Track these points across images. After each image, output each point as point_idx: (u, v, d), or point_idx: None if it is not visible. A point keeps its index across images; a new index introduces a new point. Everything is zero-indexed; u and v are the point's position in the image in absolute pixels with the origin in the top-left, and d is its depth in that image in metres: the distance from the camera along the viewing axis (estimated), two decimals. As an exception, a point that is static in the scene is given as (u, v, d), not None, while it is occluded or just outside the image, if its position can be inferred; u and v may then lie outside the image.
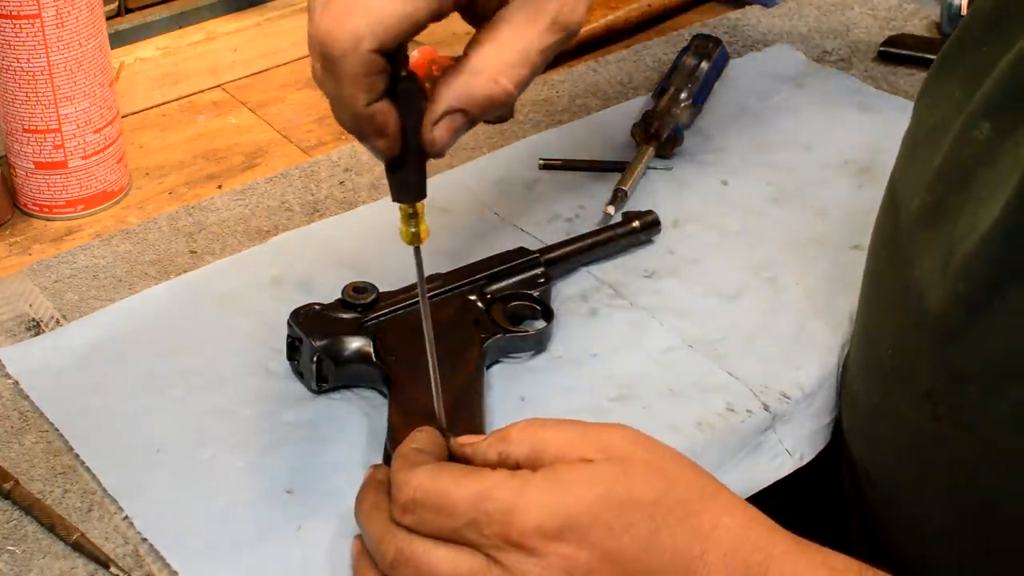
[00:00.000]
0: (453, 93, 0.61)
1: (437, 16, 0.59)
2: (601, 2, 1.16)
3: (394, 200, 0.63)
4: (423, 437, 0.64)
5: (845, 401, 0.78)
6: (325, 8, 0.58)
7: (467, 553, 0.59)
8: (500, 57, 0.61)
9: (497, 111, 0.62)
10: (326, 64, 0.58)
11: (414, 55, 1.07)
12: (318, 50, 0.58)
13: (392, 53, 0.59)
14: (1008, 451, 0.60)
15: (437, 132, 0.61)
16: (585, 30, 1.14)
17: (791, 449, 0.77)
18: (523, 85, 0.62)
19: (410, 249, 0.64)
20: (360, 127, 0.60)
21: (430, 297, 0.80)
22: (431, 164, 1.01)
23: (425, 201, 0.63)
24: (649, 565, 0.57)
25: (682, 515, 0.58)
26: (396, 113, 0.60)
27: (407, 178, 0.63)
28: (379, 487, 0.64)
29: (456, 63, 0.61)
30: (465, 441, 0.64)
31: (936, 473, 0.66)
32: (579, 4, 0.62)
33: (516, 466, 0.61)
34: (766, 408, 0.77)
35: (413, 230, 0.64)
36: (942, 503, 0.66)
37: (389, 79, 0.59)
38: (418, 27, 0.59)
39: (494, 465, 0.61)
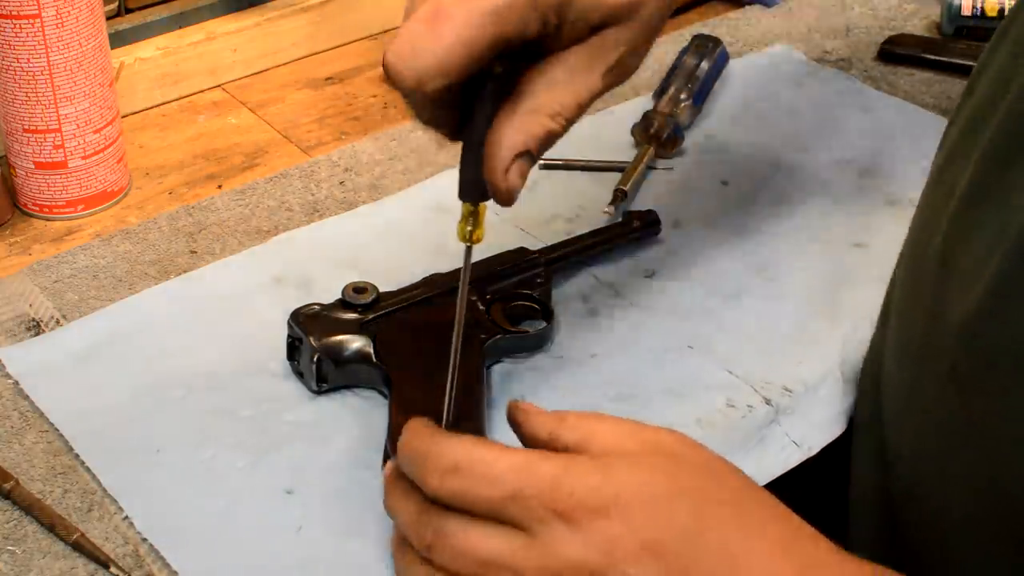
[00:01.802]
0: (519, 135, 0.61)
1: (504, 50, 0.59)
2: None
3: (459, 197, 0.63)
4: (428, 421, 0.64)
5: (868, 388, 0.78)
6: (397, 42, 0.59)
7: (506, 530, 0.57)
8: (556, 98, 0.62)
9: (553, 145, 0.63)
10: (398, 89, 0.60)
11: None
12: (388, 79, 0.60)
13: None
14: None
15: (511, 178, 0.62)
16: None
17: (798, 440, 0.77)
18: (574, 122, 0.63)
19: (412, 250, 0.64)
20: (422, 125, 0.63)
21: (430, 298, 0.80)
22: (434, 164, 1.01)
23: (444, 201, 0.64)
24: (691, 560, 0.56)
25: (728, 515, 0.58)
26: (452, 114, 0.61)
27: (475, 178, 0.62)
28: (403, 477, 0.62)
29: (510, 104, 0.61)
30: (524, 406, 0.62)
31: (961, 460, 0.66)
32: (640, 54, 0.63)
33: (564, 449, 0.60)
34: (768, 402, 0.78)
35: (469, 228, 0.64)
36: (966, 492, 0.66)
37: (455, 96, 0.60)
38: (482, 64, 0.59)
39: (542, 442, 0.60)
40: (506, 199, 0.62)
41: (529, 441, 0.61)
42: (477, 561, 0.58)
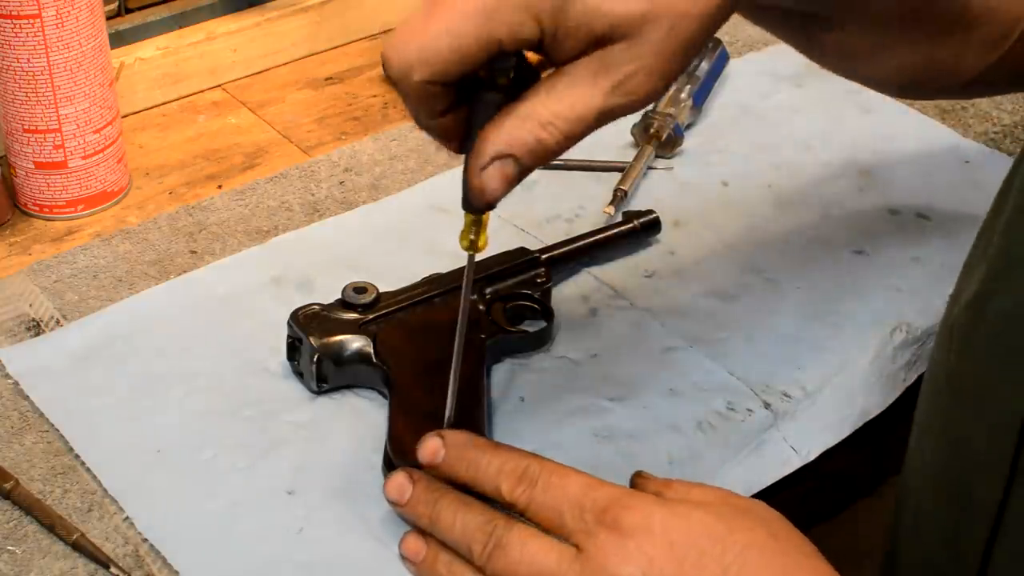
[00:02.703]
0: (501, 137, 0.60)
1: (497, 55, 0.58)
2: None
3: (462, 207, 0.63)
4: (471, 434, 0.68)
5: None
6: (396, 29, 0.59)
7: (560, 544, 0.61)
8: (550, 107, 0.60)
9: (548, 159, 0.61)
10: (391, 81, 0.60)
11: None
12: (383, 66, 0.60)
13: (454, 80, 0.59)
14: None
15: (485, 177, 0.60)
16: None
17: (797, 447, 0.77)
18: (575, 139, 0.60)
19: (412, 250, 0.64)
20: (426, 132, 0.62)
21: (429, 298, 0.80)
22: (435, 164, 1.01)
23: (444, 202, 0.63)
24: None
25: (772, 562, 0.59)
26: (461, 124, 0.61)
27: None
28: (446, 487, 0.66)
29: (506, 109, 0.61)
30: (645, 473, 0.67)
31: (934, 414, 0.68)
32: (652, 77, 0.60)
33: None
34: (767, 407, 0.77)
35: (472, 237, 0.64)
36: (932, 441, 0.68)
37: (450, 99, 0.60)
38: (473, 63, 0.58)
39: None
40: (478, 198, 0.61)
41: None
42: (531, 571, 0.61)
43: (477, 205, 0.61)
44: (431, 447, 0.66)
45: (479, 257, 0.83)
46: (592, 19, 0.58)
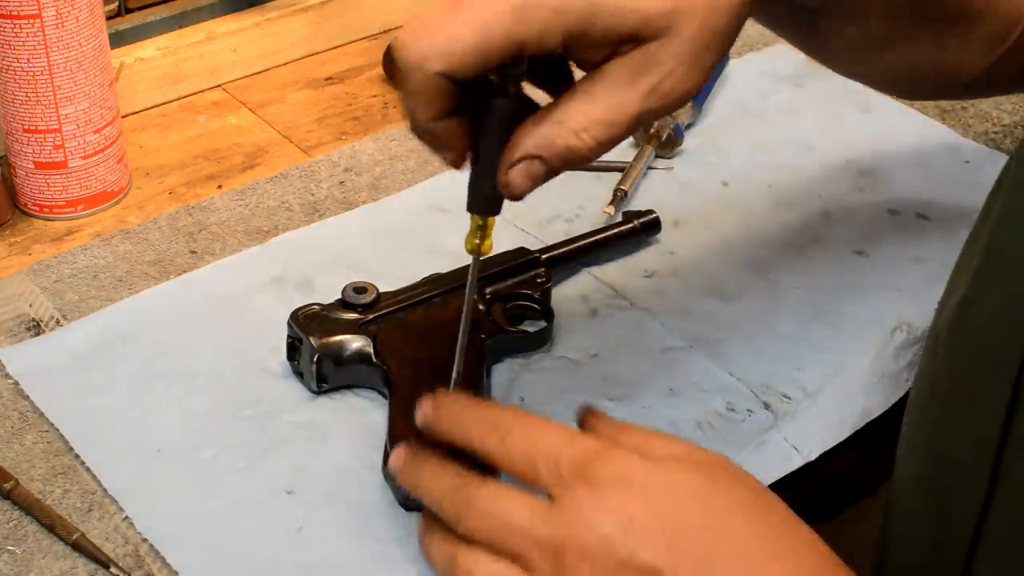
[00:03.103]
0: (532, 140, 0.60)
1: (514, 59, 0.58)
2: None
3: (468, 209, 0.63)
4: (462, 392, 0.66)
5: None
6: (412, 20, 0.58)
7: (532, 498, 0.59)
8: (587, 112, 0.59)
9: (579, 164, 0.61)
10: (397, 72, 0.59)
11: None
12: (392, 55, 0.59)
13: (470, 78, 0.58)
14: None
15: (512, 175, 0.60)
16: None
17: (798, 446, 0.77)
18: (609, 144, 0.60)
19: (412, 250, 0.64)
20: (421, 138, 0.61)
21: (429, 298, 0.80)
22: (434, 164, 1.01)
23: (444, 202, 0.63)
24: (704, 558, 0.56)
25: (755, 531, 0.58)
26: (461, 131, 0.60)
27: (484, 191, 0.62)
28: (431, 455, 0.64)
29: (543, 109, 0.60)
30: (598, 412, 0.64)
31: (919, 425, 0.67)
32: (689, 76, 0.59)
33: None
34: (767, 407, 0.77)
35: (477, 241, 0.64)
36: (917, 453, 0.67)
37: (455, 101, 0.59)
38: (491, 63, 0.58)
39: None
40: (505, 194, 0.62)
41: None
42: (500, 524, 0.58)
43: (506, 195, 0.62)
44: (423, 409, 0.65)
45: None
46: (623, 18, 0.58)
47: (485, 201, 0.63)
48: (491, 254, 0.83)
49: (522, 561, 0.58)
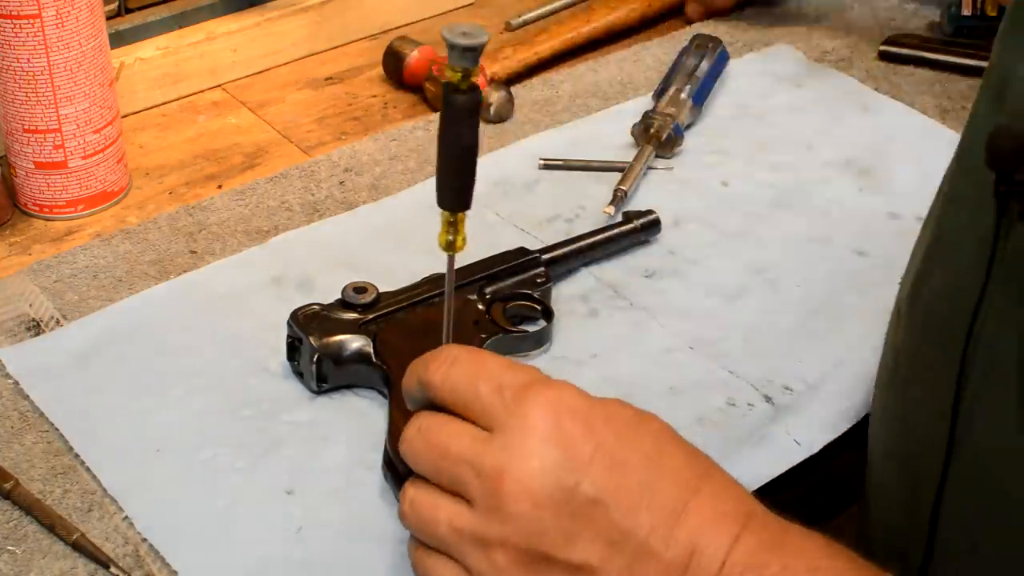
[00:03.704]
0: None
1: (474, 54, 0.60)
2: (602, 2, 1.17)
3: (438, 205, 0.63)
4: None
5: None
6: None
7: (475, 428, 0.59)
8: None
9: None
10: None
11: (414, 55, 1.07)
12: None
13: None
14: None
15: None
16: (585, 29, 1.14)
17: (800, 439, 0.77)
18: None
19: (412, 250, 0.64)
20: None
21: (429, 298, 0.80)
22: (432, 163, 1.01)
23: (444, 206, 0.63)
24: (648, 480, 0.57)
25: (682, 450, 0.59)
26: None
27: (452, 186, 0.62)
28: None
29: None
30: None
31: (888, 402, 0.69)
32: None
33: None
34: (768, 400, 0.77)
35: (450, 238, 0.64)
36: (887, 429, 0.69)
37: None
38: None
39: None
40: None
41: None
42: (440, 453, 0.59)
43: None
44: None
45: (480, 256, 0.84)
46: None
47: (452, 195, 0.63)
48: (491, 254, 0.84)
49: (462, 489, 0.58)
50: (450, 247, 0.64)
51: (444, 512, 0.58)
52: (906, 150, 1.01)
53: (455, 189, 0.62)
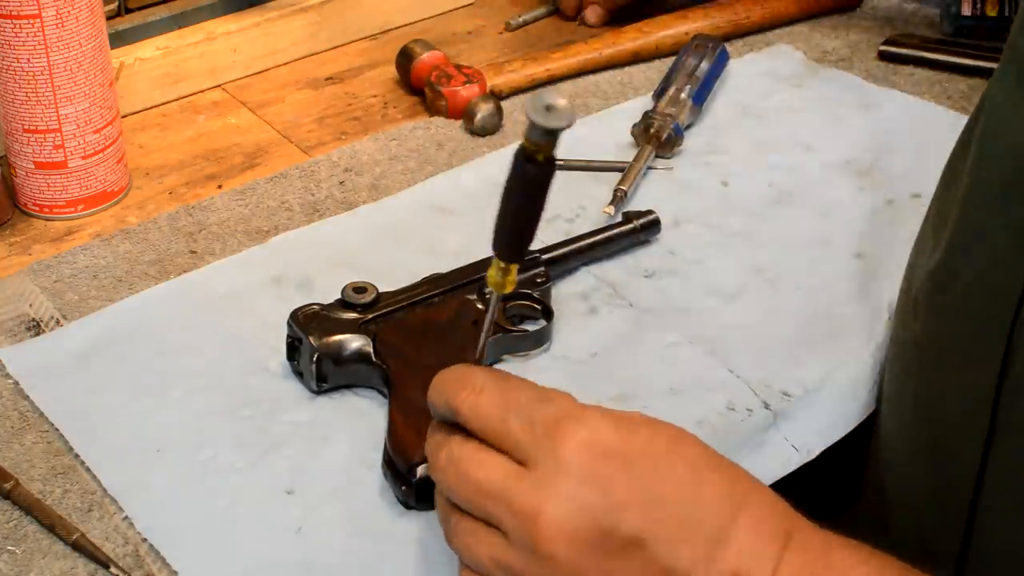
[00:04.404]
0: None
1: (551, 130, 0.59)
2: (634, 26, 1.13)
3: (493, 250, 0.62)
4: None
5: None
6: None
7: (506, 459, 0.57)
8: None
9: None
10: None
11: (423, 58, 1.07)
12: None
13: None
14: None
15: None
16: (608, 51, 1.11)
17: (798, 445, 0.77)
18: None
19: (412, 250, 0.64)
20: None
21: (429, 298, 0.80)
22: (435, 164, 1.01)
23: (444, 202, 0.63)
24: (686, 512, 0.56)
25: (719, 472, 0.58)
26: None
27: (508, 240, 0.62)
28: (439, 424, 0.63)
29: None
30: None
31: (902, 379, 0.69)
32: None
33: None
34: (767, 406, 0.77)
35: (499, 280, 0.63)
36: (903, 407, 0.69)
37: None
38: None
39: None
40: None
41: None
42: (473, 486, 0.58)
43: None
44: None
45: (480, 255, 0.84)
46: None
47: (508, 248, 0.62)
48: (491, 253, 0.84)
49: (498, 523, 0.57)
50: (498, 287, 0.63)
51: (484, 544, 0.58)
52: (908, 141, 1.01)
53: (511, 243, 0.62)
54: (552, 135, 0.58)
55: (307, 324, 0.77)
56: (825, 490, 0.83)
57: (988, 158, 0.63)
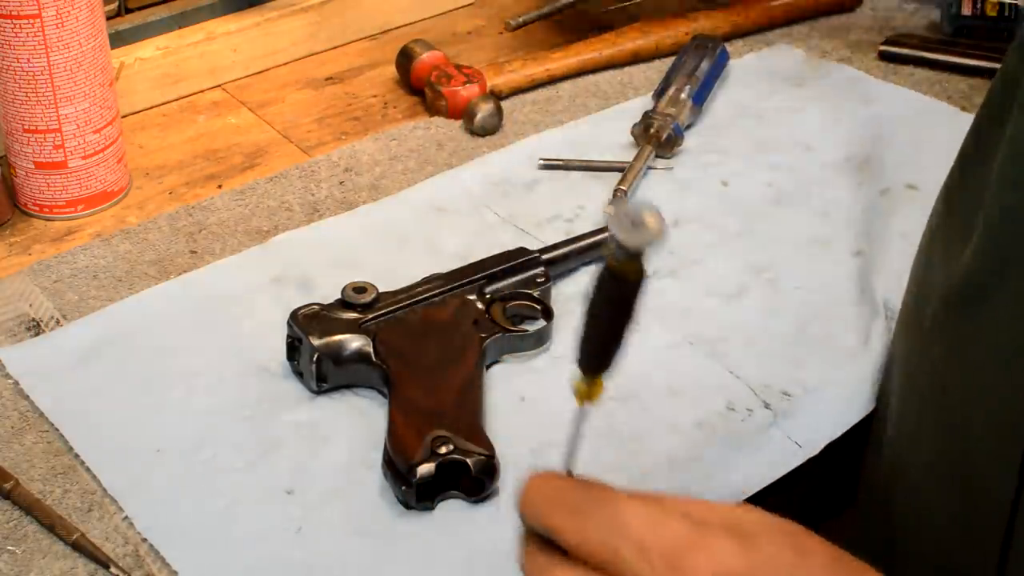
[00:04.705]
0: None
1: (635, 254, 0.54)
2: (634, 27, 1.12)
3: (577, 365, 0.57)
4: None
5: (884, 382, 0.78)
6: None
7: None
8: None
9: None
10: None
11: (423, 58, 1.07)
12: None
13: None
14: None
15: None
16: (608, 52, 1.11)
17: (800, 442, 0.76)
18: None
19: (412, 250, 0.64)
20: None
21: (428, 298, 0.80)
22: (435, 164, 1.01)
23: (444, 202, 0.62)
24: None
25: None
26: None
27: (593, 352, 0.57)
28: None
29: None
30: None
31: (924, 409, 0.66)
32: None
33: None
34: (767, 406, 0.77)
35: (586, 390, 0.57)
36: (928, 438, 0.66)
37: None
38: None
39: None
40: None
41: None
42: None
43: None
44: (519, 495, 0.57)
45: (480, 255, 0.84)
46: None
47: (596, 363, 0.57)
48: (491, 254, 0.84)
49: None
50: (585, 396, 0.58)
51: None
52: (909, 138, 1.00)
53: (600, 358, 0.57)
54: (640, 254, 0.53)
55: (307, 324, 0.77)
56: (825, 490, 0.83)
57: (1018, 156, 0.59)
